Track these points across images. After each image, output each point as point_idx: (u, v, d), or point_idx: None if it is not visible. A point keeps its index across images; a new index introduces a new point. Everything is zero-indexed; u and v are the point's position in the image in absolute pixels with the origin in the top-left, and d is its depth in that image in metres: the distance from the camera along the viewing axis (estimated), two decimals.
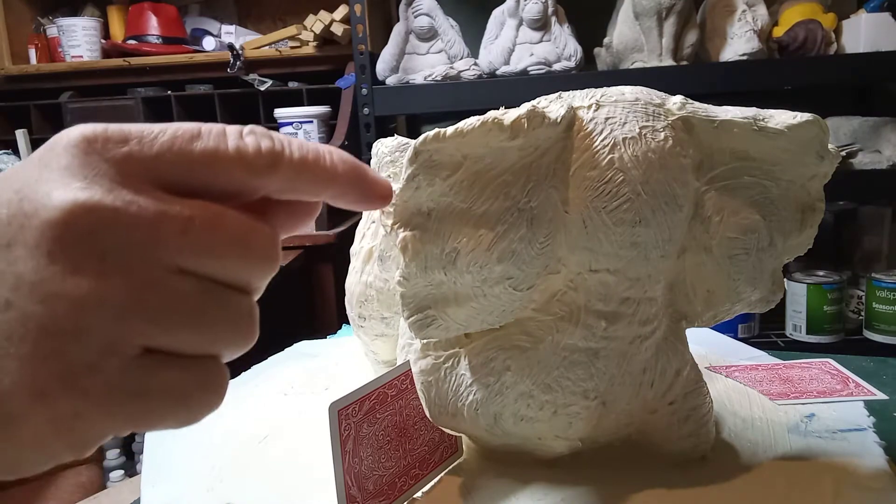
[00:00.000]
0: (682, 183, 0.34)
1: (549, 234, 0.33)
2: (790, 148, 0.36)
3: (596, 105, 0.34)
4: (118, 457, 1.64)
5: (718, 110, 0.36)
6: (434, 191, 0.31)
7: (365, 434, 0.38)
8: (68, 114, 1.79)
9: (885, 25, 1.21)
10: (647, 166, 0.33)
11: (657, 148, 0.33)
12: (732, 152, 0.36)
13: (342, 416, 0.37)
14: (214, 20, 1.90)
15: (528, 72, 1.26)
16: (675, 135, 0.34)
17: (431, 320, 0.33)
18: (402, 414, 0.40)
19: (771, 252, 0.37)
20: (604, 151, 0.33)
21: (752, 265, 0.36)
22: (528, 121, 0.31)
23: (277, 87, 1.75)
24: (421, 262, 0.31)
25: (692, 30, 1.24)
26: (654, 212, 0.33)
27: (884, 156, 1.20)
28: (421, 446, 0.41)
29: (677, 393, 0.39)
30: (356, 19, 1.26)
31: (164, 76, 1.80)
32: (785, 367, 0.58)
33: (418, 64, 1.31)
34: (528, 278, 0.33)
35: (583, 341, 0.35)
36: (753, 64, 1.21)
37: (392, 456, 0.40)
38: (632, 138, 0.33)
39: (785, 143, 0.35)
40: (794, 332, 1.24)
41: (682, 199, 0.34)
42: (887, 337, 1.20)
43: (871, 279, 1.21)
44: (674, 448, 0.40)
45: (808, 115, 0.35)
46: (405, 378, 0.40)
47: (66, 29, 1.81)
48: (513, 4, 1.27)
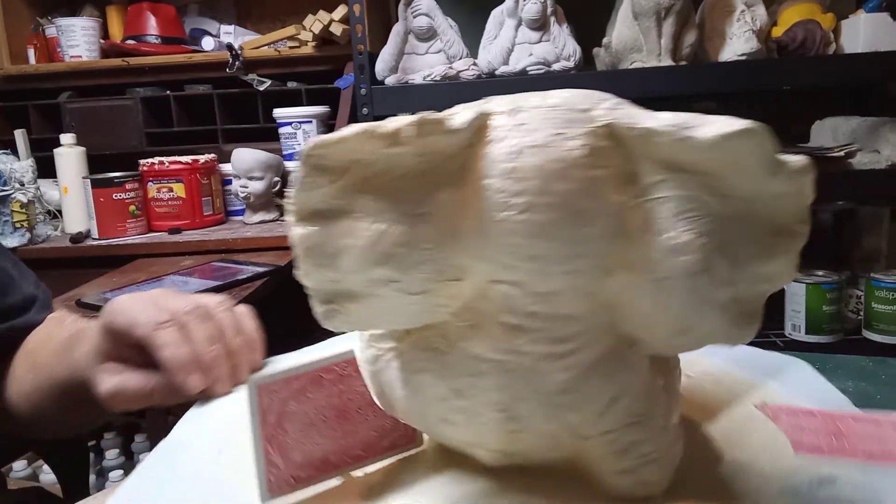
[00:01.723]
0: (592, 196, 0.31)
1: (435, 241, 0.32)
2: (729, 160, 0.31)
3: (512, 111, 0.33)
4: (117, 457, 1.64)
5: (646, 116, 0.32)
6: (323, 193, 0.32)
7: (292, 410, 0.39)
8: (67, 114, 1.79)
9: (883, 26, 1.21)
10: (547, 176, 0.31)
11: (561, 157, 0.31)
12: (664, 164, 0.32)
13: (263, 391, 0.38)
14: (213, 20, 1.90)
15: (527, 72, 1.26)
16: (591, 143, 0.31)
17: (335, 313, 0.34)
18: (343, 398, 0.41)
19: (711, 279, 0.32)
20: (505, 159, 0.31)
21: (687, 292, 0.32)
22: (418, 128, 0.31)
23: (276, 87, 1.75)
24: (311, 259, 0.33)
25: (691, 30, 1.24)
26: (553, 225, 0.31)
27: (882, 156, 1.20)
28: (367, 431, 0.41)
29: (613, 423, 0.35)
30: (355, 19, 1.26)
31: (163, 76, 1.80)
32: (853, 420, 0.43)
33: (417, 64, 1.31)
34: (415, 283, 0.33)
35: (490, 352, 0.34)
36: (752, 64, 1.21)
37: (326, 434, 0.40)
38: (537, 146, 0.31)
39: (720, 155, 0.31)
40: (794, 331, 1.24)
41: (592, 213, 0.31)
42: (886, 337, 1.20)
43: (870, 279, 1.21)
44: (609, 482, 0.37)
45: (745, 124, 0.30)
46: (347, 365, 0.41)
47: (64, 29, 1.81)
48: (512, 4, 1.27)
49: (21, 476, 1.59)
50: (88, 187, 1.52)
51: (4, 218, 1.47)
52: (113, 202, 1.52)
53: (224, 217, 1.67)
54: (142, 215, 1.57)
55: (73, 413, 0.60)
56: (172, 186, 1.57)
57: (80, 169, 1.60)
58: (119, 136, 1.77)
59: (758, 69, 1.21)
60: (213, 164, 1.63)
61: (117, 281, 1.23)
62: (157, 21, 1.81)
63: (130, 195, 1.54)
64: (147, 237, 1.55)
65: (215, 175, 1.64)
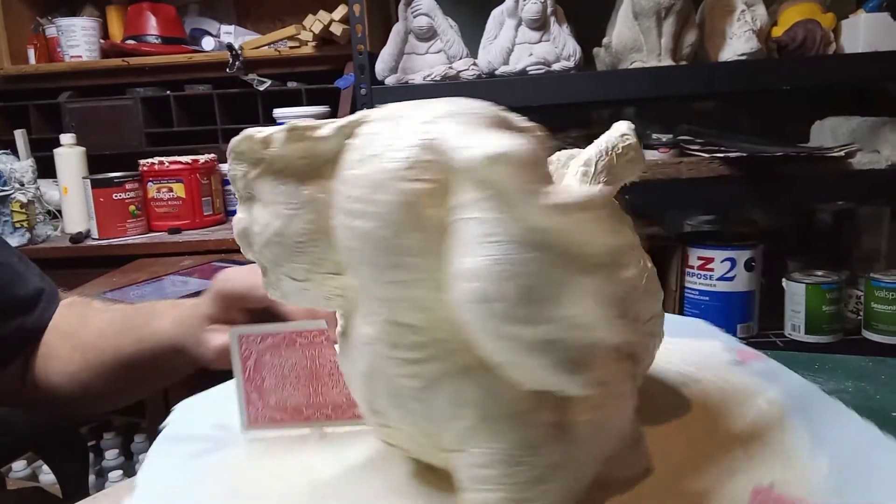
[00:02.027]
0: (408, 207, 0.31)
1: (307, 236, 0.35)
2: (499, 187, 0.29)
3: (375, 119, 0.35)
4: (117, 457, 1.64)
5: (463, 133, 0.31)
6: (247, 181, 0.36)
7: (267, 362, 0.45)
8: (67, 114, 1.79)
9: (884, 25, 1.21)
10: (372, 185, 0.32)
11: (385, 168, 0.31)
12: (475, 182, 0.30)
13: (242, 340, 0.45)
14: (213, 20, 1.90)
15: (527, 72, 1.26)
16: (414, 156, 0.31)
17: (269, 286, 0.37)
18: (316, 362, 0.46)
19: (505, 312, 0.29)
20: (349, 166, 0.33)
21: (479, 322, 0.30)
22: (287, 134, 0.35)
23: (276, 87, 1.75)
24: (239, 239, 0.37)
25: (691, 30, 1.24)
26: (375, 233, 0.31)
27: (882, 156, 1.20)
28: (337, 395, 0.46)
29: (456, 441, 0.34)
30: (355, 19, 1.26)
31: (163, 76, 1.80)
32: None
33: (417, 64, 1.31)
34: (297, 272, 0.36)
35: (360, 346, 0.36)
36: (752, 64, 1.21)
37: (299, 388, 0.46)
38: (374, 155, 0.32)
39: (489, 179, 0.29)
40: (793, 332, 1.24)
41: (408, 225, 0.31)
42: (886, 337, 1.20)
43: (869, 279, 1.21)
44: (468, 498, 0.35)
45: (499, 146, 0.29)
46: (319, 334, 0.45)
47: (64, 29, 1.81)
48: (512, 4, 1.27)
49: (21, 476, 1.59)
50: (88, 187, 1.52)
51: (4, 218, 1.47)
52: (113, 202, 1.52)
53: (224, 217, 1.67)
54: (142, 215, 1.57)
55: (138, 384, 0.67)
56: (172, 186, 1.57)
57: (80, 169, 1.60)
58: (119, 136, 1.77)
59: (758, 69, 1.21)
60: (213, 164, 1.63)
61: (117, 281, 1.23)
62: (158, 21, 1.81)
63: (130, 195, 1.54)
64: (147, 237, 1.56)
65: (215, 175, 1.64)
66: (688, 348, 0.56)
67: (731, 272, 1.23)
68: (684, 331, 0.59)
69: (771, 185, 1.20)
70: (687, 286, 1.26)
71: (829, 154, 1.19)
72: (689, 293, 1.26)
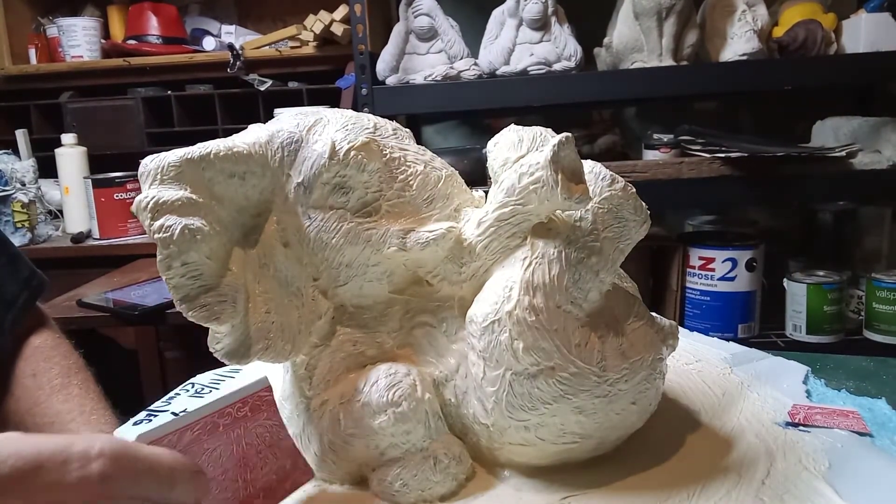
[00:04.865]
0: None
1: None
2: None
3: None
4: None
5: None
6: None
7: None
8: (68, 114, 1.79)
9: (885, 25, 1.21)
10: None
11: None
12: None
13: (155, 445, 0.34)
14: (214, 20, 1.90)
15: (528, 72, 1.26)
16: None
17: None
18: (242, 444, 0.38)
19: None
20: None
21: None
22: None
23: (277, 87, 1.75)
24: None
25: (692, 30, 1.24)
26: None
27: (884, 156, 1.20)
28: (268, 475, 0.39)
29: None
30: (356, 19, 1.26)
31: (164, 76, 1.80)
32: None
33: (418, 64, 1.31)
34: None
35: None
36: (753, 64, 1.21)
37: (227, 487, 0.37)
38: None
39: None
40: (795, 332, 1.24)
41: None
42: (887, 337, 1.20)
43: (870, 279, 1.21)
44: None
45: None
46: (243, 406, 0.38)
47: (66, 29, 1.81)
48: (513, 4, 1.27)
49: None
50: (89, 187, 1.52)
51: (5, 218, 1.47)
52: (114, 202, 1.52)
53: None
54: None
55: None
56: None
57: (81, 169, 1.60)
58: (120, 136, 1.77)
59: (759, 69, 1.21)
60: None
61: (118, 281, 1.24)
62: (159, 21, 1.81)
63: (131, 195, 1.54)
64: (148, 237, 1.55)
65: None
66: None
67: (733, 272, 1.23)
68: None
69: (772, 186, 1.20)
70: (688, 286, 1.26)
71: (830, 154, 1.19)
72: (690, 293, 1.26)
